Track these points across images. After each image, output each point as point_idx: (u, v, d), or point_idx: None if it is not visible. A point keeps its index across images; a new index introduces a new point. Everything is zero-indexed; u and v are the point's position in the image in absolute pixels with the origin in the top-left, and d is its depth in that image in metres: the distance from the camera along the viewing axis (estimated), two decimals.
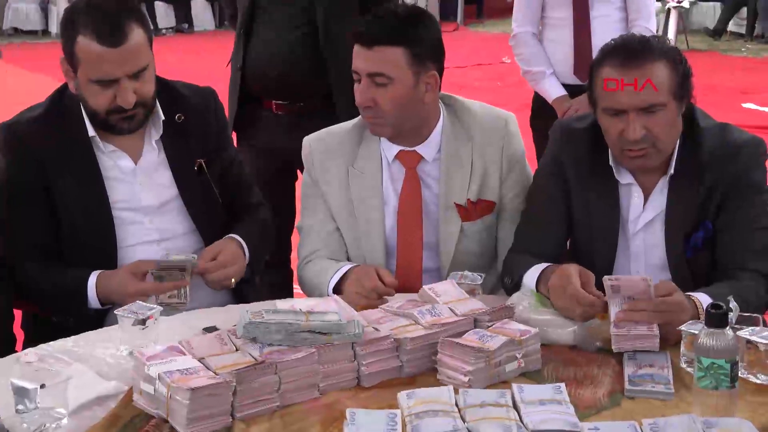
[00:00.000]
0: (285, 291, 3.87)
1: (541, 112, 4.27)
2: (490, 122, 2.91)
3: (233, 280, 2.77)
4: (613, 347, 2.27)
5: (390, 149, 2.87)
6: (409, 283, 2.78)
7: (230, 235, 2.87)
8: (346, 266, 2.75)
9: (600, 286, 2.39)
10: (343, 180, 2.89)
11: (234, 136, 3.63)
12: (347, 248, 2.91)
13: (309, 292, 2.86)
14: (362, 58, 2.74)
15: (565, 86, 4.26)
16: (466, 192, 2.86)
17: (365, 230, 2.88)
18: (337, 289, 2.70)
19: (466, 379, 2.12)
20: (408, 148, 2.87)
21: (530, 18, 4.41)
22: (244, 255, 2.85)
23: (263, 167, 3.75)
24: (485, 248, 2.93)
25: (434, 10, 4.30)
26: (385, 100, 2.73)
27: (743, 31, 15.91)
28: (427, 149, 2.87)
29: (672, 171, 2.63)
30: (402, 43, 2.72)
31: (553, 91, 4.32)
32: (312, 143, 2.96)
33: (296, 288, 4.17)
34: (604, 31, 3.95)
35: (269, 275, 3.74)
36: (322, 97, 3.77)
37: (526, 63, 4.42)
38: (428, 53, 2.77)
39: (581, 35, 4.23)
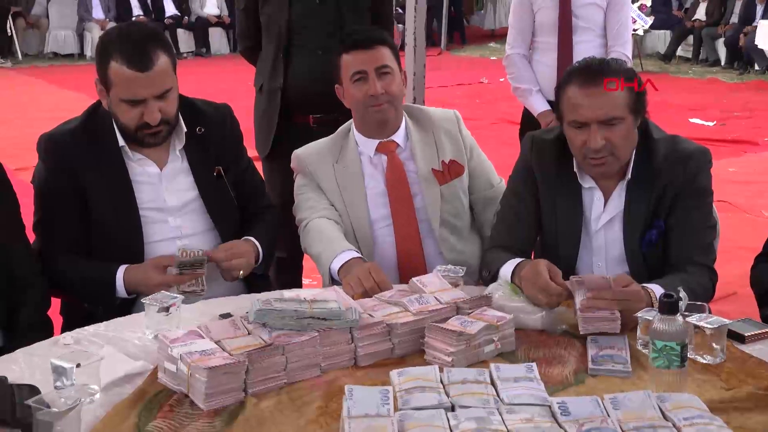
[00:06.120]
0: (296, 286, 3.83)
1: (529, 126, 4.25)
2: (442, 114, 3.12)
3: (241, 272, 2.77)
4: (579, 329, 2.26)
5: (367, 145, 3.01)
6: (409, 247, 2.97)
7: (246, 237, 2.86)
8: (348, 255, 2.73)
9: (566, 278, 2.39)
10: (331, 174, 2.99)
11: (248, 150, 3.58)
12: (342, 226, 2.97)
13: (312, 243, 2.88)
14: (366, 58, 2.91)
15: (550, 102, 4.26)
16: (438, 161, 3.01)
17: (353, 212, 2.96)
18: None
19: (449, 359, 2.12)
20: (385, 139, 2.99)
21: (521, 41, 4.43)
22: (258, 254, 2.85)
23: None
24: (460, 211, 3.04)
25: (421, 36, 4.30)
26: (392, 86, 2.94)
27: (690, 55, 16.00)
28: (399, 138, 3.01)
29: (629, 176, 2.63)
30: (386, 44, 2.97)
31: (538, 106, 4.34)
32: (300, 153, 3.07)
33: (305, 281, 4.17)
34: (586, 54, 3.97)
35: (283, 275, 3.75)
36: None
37: (516, 81, 4.44)
38: (397, 53, 3.01)
39: (564, 58, 4.24)
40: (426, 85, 4.68)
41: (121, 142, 2.74)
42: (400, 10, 10.87)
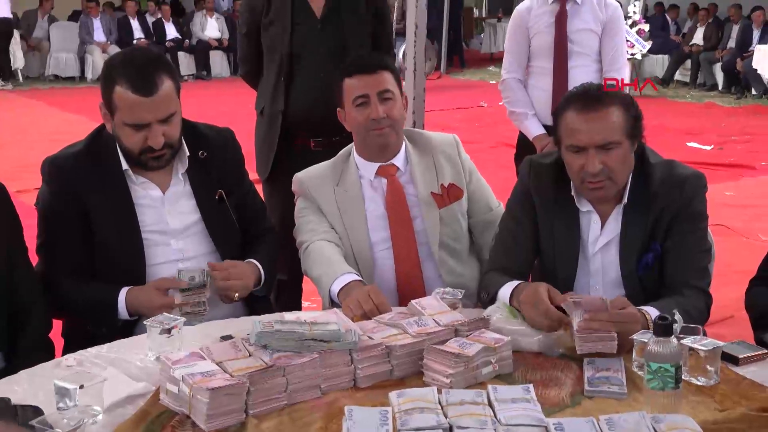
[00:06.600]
0: (296, 308, 3.85)
1: (524, 150, 4.28)
2: (442, 138, 3.15)
3: (236, 294, 2.77)
4: (577, 349, 2.28)
5: (368, 168, 3.03)
6: (408, 269, 2.99)
7: (249, 259, 2.88)
8: (348, 278, 2.76)
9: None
10: (332, 197, 3.01)
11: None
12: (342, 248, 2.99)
13: (312, 266, 2.90)
14: (368, 82, 2.94)
15: (545, 126, 4.28)
16: (437, 185, 3.03)
17: (353, 235, 2.98)
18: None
19: (448, 380, 2.13)
20: (385, 163, 3.02)
21: (517, 66, 4.45)
22: (259, 277, 2.87)
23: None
24: (459, 234, 3.07)
25: (420, 60, 4.34)
26: (394, 111, 2.97)
27: (688, 80, 16.07)
28: (399, 161, 3.04)
29: (625, 200, 2.66)
30: (388, 69, 3.00)
31: (533, 129, 4.35)
32: (302, 176, 3.08)
33: (305, 304, 4.18)
34: (581, 79, 3.93)
35: (283, 297, 3.76)
36: None
37: (512, 105, 4.45)
38: (399, 78, 3.05)
39: (559, 82, 4.26)
40: (425, 109, 4.71)
41: (125, 165, 2.76)
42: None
